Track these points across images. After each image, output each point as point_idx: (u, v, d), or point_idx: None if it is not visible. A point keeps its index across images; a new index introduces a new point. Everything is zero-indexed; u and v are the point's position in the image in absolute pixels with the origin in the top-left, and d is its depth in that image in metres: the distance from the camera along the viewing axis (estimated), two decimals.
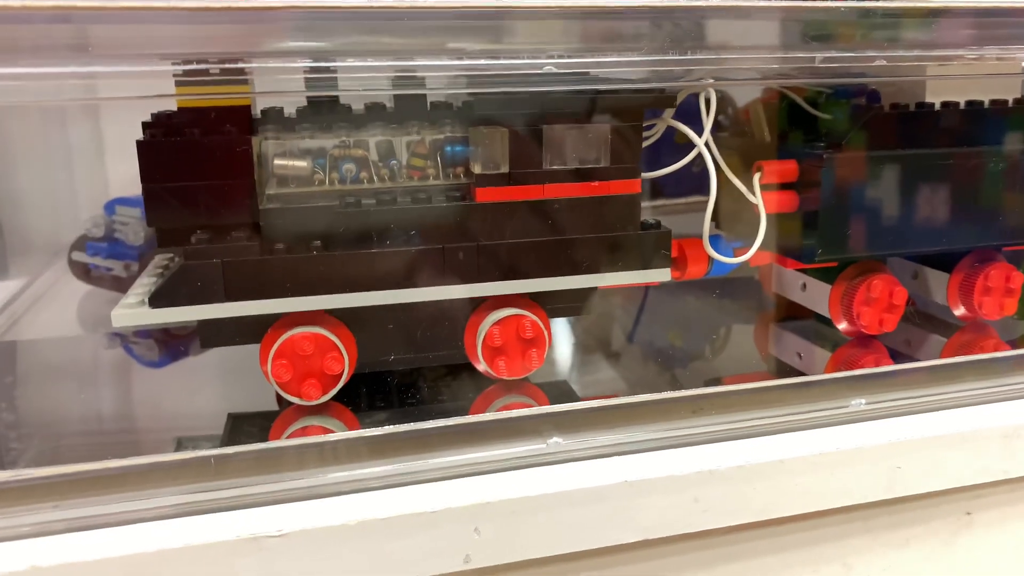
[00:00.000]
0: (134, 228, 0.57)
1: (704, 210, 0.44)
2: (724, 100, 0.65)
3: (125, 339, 0.55)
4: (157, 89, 0.38)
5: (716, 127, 0.62)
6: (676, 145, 0.44)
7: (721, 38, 0.39)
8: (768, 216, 0.46)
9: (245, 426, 0.41)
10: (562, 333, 0.54)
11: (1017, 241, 0.50)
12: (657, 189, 0.59)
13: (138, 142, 0.37)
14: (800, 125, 0.52)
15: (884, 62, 0.42)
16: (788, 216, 0.47)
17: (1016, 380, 0.46)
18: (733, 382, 0.46)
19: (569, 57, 0.37)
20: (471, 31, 0.37)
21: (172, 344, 0.54)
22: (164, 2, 0.32)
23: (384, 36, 0.36)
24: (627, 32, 0.38)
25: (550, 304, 0.43)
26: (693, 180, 0.46)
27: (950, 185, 0.48)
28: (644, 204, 0.61)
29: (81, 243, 0.59)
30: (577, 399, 0.43)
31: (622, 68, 0.39)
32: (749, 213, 0.47)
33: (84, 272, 0.58)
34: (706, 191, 0.44)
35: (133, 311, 0.36)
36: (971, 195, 0.48)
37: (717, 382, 0.48)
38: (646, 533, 0.37)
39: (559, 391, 0.44)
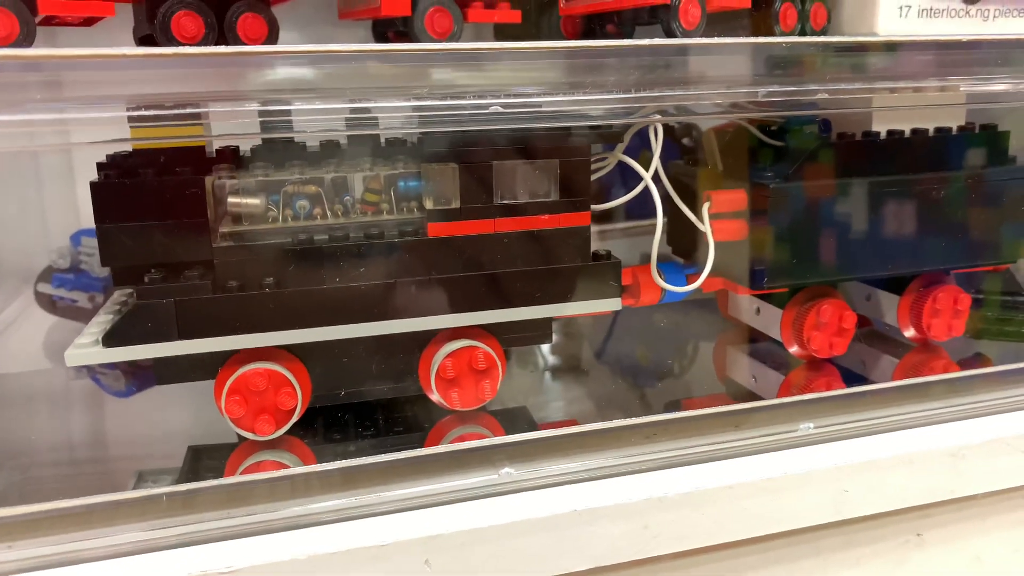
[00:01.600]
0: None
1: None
2: (690, 124, 0.67)
3: (91, 370, 0.55)
4: (123, 130, 0.38)
5: (681, 151, 0.63)
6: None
7: (667, 75, 0.40)
8: (720, 243, 0.47)
9: (204, 459, 0.41)
10: (520, 360, 0.55)
11: (964, 264, 0.52)
12: (630, 211, 0.60)
13: (91, 183, 0.38)
14: (760, 151, 0.53)
15: (826, 95, 0.43)
16: (739, 243, 0.49)
17: (962, 400, 0.47)
18: (689, 407, 0.47)
19: (516, 96, 0.38)
20: (421, 72, 0.38)
21: (138, 374, 0.54)
22: (123, 50, 0.33)
23: (337, 77, 0.37)
24: (575, 71, 0.39)
25: (505, 335, 0.44)
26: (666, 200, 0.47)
27: (896, 211, 0.49)
28: (618, 225, 0.62)
29: (47, 274, 0.59)
30: (534, 426, 0.44)
31: (570, 107, 0.40)
32: None
33: (50, 304, 0.59)
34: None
35: (86, 351, 0.37)
36: (917, 220, 0.49)
37: (673, 407, 0.48)
38: (596, 561, 0.38)
39: (516, 419, 0.45)
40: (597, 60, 0.39)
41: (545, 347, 0.56)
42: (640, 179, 0.44)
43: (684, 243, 0.53)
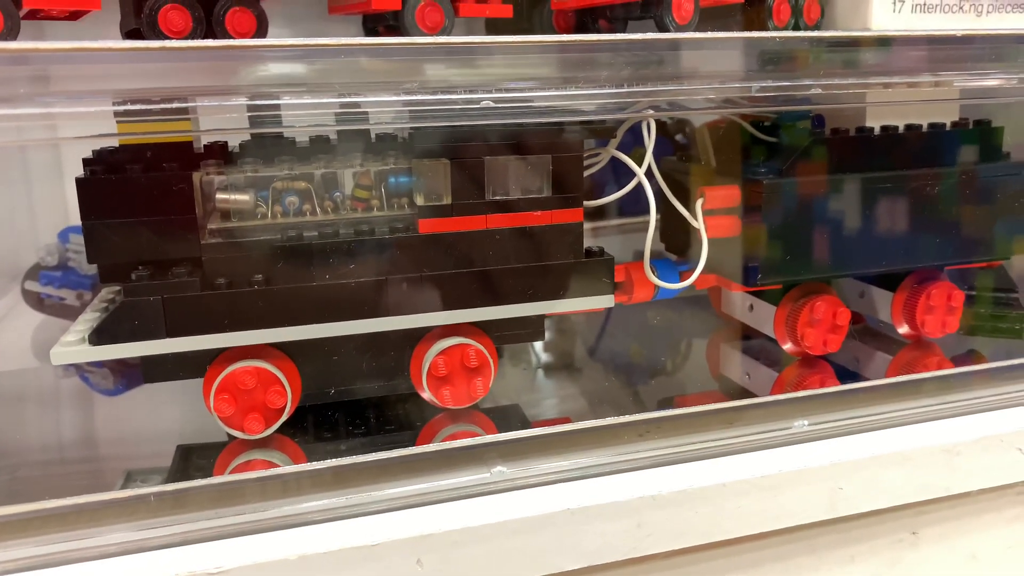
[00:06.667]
0: None
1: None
2: (683, 120, 0.66)
3: (79, 368, 0.54)
4: (109, 126, 0.38)
5: (674, 147, 0.63)
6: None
7: (660, 70, 0.40)
8: (714, 239, 0.47)
9: (193, 458, 0.41)
10: (513, 358, 0.54)
11: (958, 260, 0.52)
12: (621, 208, 0.60)
13: (77, 179, 0.37)
14: (754, 147, 0.53)
15: (820, 90, 0.43)
16: (732, 239, 0.48)
17: (956, 397, 0.47)
18: (682, 404, 0.47)
19: (508, 92, 0.38)
20: (415, 66, 0.37)
21: (126, 373, 0.54)
22: (108, 43, 0.33)
23: (327, 71, 0.36)
24: (567, 66, 0.39)
25: (498, 332, 0.43)
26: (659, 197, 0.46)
27: (890, 207, 0.49)
28: (610, 223, 0.62)
29: (34, 272, 0.58)
30: (527, 424, 0.44)
31: (562, 102, 0.40)
32: None
33: (37, 302, 0.58)
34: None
35: (73, 349, 0.36)
36: (911, 216, 0.49)
37: (666, 404, 0.48)
38: (590, 559, 0.38)
39: (508, 417, 0.45)
40: (589, 55, 0.39)
41: (538, 345, 0.55)
42: (632, 176, 0.44)
43: (677, 240, 0.52)
